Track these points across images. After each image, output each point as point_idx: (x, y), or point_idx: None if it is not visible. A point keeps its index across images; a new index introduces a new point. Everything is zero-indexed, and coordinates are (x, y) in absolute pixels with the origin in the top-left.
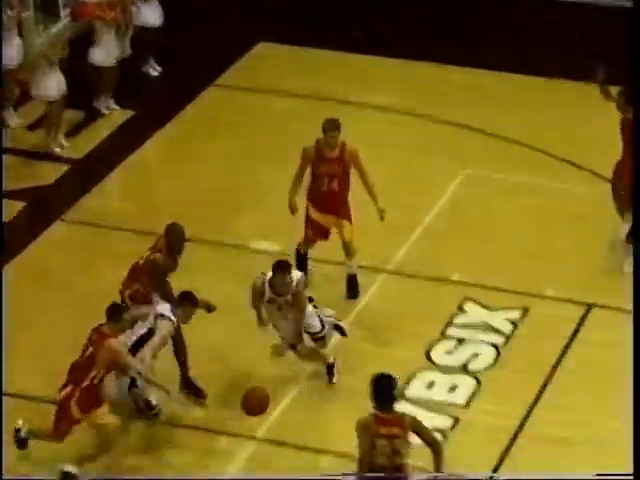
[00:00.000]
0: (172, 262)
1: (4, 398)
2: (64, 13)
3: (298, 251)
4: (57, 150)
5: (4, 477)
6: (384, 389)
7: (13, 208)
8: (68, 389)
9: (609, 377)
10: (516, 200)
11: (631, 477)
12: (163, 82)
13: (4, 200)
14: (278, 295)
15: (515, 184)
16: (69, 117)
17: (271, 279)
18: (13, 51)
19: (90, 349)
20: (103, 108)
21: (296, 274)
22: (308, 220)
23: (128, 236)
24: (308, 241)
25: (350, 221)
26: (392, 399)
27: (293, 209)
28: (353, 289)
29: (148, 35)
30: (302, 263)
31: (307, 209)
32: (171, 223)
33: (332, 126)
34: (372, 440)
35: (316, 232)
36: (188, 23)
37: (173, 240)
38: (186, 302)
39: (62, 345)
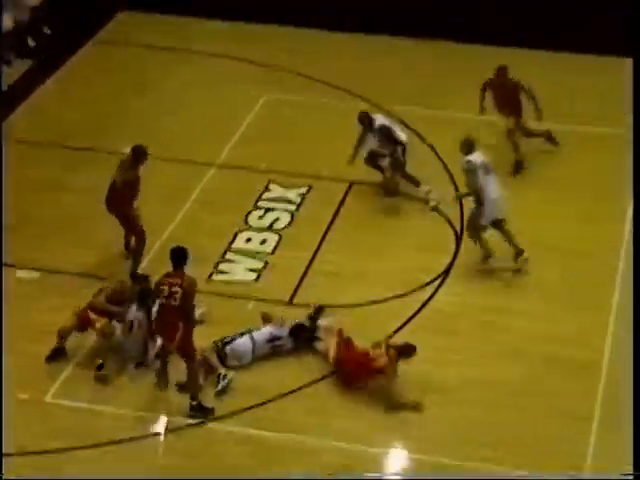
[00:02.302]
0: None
1: None
2: None
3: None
4: None
5: (4, 477)
6: (176, 255)
7: None
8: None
9: (364, 231)
10: (302, 114)
11: (631, 477)
12: (52, 41)
13: None
14: None
15: (300, 103)
16: None
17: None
18: None
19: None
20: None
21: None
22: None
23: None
24: None
25: None
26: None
27: None
28: None
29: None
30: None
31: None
32: (136, 145)
33: None
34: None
35: None
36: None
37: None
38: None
39: None
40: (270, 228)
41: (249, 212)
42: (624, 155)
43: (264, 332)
